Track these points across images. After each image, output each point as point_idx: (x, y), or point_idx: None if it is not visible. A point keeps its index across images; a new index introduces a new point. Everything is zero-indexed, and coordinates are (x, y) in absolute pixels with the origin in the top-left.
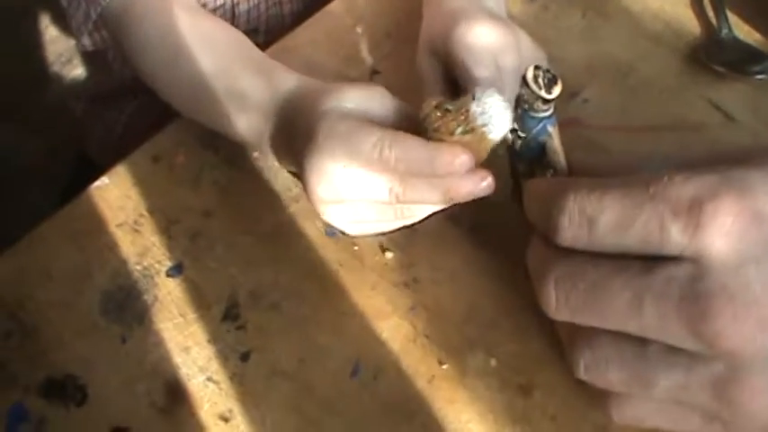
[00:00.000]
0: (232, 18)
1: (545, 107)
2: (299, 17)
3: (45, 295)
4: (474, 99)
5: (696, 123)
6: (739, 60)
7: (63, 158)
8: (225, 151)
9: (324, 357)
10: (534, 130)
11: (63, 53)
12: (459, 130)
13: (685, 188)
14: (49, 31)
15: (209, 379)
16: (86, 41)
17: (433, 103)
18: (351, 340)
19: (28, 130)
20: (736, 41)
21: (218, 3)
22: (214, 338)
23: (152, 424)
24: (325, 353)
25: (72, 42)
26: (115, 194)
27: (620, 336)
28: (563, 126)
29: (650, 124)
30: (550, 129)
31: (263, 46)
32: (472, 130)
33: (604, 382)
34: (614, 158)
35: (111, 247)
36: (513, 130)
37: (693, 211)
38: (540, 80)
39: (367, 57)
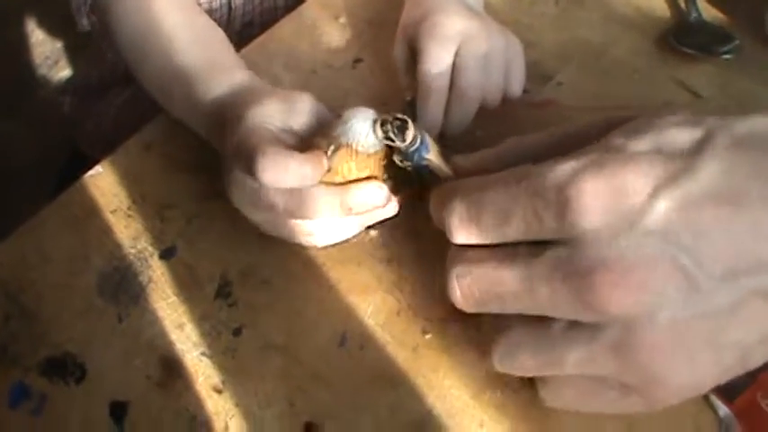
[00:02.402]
0: (228, 12)
1: (409, 145)
2: (293, 10)
3: (44, 279)
4: (339, 119)
5: (665, 102)
6: (707, 42)
7: (55, 153)
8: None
9: (312, 330)
10: (414, 161)
11: (50, 55)
12: (330, 150)
13: (551, 176)
14: (36, 34)
15: (202, 353)
16: (84, 22)
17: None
18: (338, 314)
19: (18, 127)
20: (705, 24)
21: None
22: (207, 315)
23: (149, 397)
24: (314, 326)
25: (58, 44)
26: (109, 182)
27: (527, 321)
28: (540, 106)
29: (621, 104)
30: (426, 155)
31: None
32: (339, 148)
33: (520, 369)
34: (482, 153)
35: (107, 231)
36: (401, 161)
37: (560, 197)
38: (391, 132)
39: (349, 45)
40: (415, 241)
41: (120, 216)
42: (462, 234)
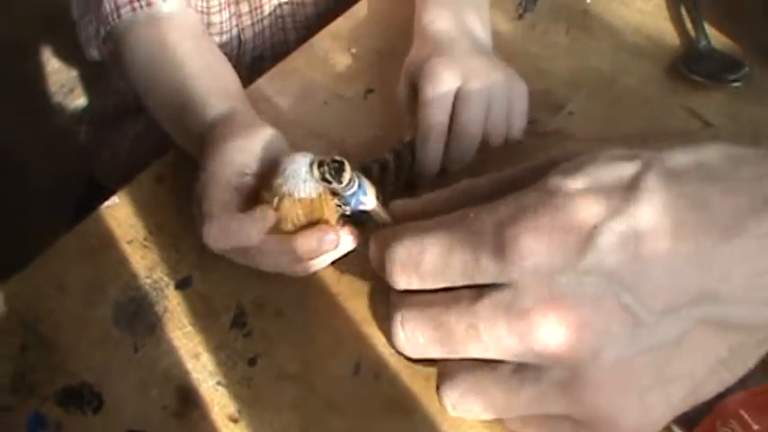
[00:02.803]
0: (238, 45)
1: (347, 187)
2: (304, 42)
3: (61, 309)
4: (278, 169)
5: (677, 131)
6: (717, 70)
7: (72, 181)
8: None
9: (326, 360)
10: (351, 205)
11: (65, 83)
12: (275, 201)
13: (488, 220)
14: (51, 63)
15: (218, 383)
16: (94, 52)
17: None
18: (352, 343)
19: (35, 155)
20: (714, 52)
21: (224, 29)
22: (222, 345)
23: (165, 427)
24: (328, 356)
25: (73, 73)
26: (125, 213)
27: (474, 366)
28: (548, 135)
29: (633, 133)
30: (363, 198)
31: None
32: (282, 198)
33: (473, 413)
34: (430, 198)
35: (123, 262)
36: (338, 206)
37: (498, 240)
38: (327, 173)
39: (360, 76)
40: None
41: (136, 247)
42: (403, 280)
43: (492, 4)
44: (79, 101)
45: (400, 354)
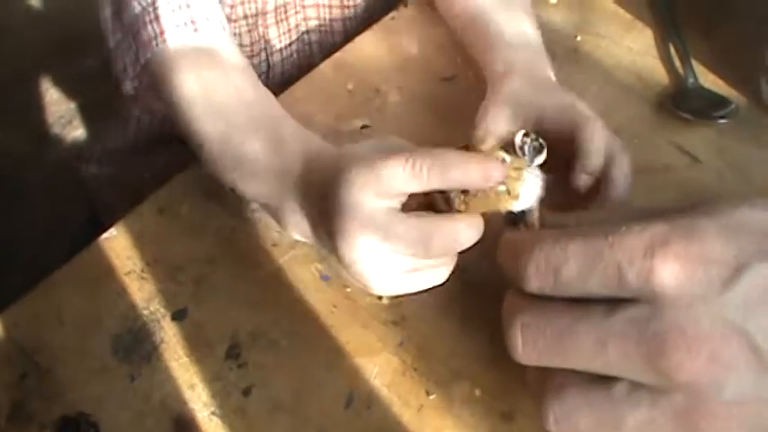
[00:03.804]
0: (267, 70)
1: (534, 169)
2: None
3: (58, 339)
4: (528, 166)
5: (665, 166)
6: (705, 107)
7: (68, 215)
8: (227, 202)
9: (320, 391)
10: (523, 194)
11: (63, 115)
12: (503, 188)
13: (640, 237)
14: (50, 94)
15: (213, 413)
16: (129, 86)
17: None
18: (344, 374)
19: (31, 186)
20: (702, 90)
21: (254, 52)
22: (217, 376)
23: None
24: (321, 386)
25: (72, 105)
26: (123, 244)
27: (585, 382)
28: None
29: None
30: (536, 192)
31: None
32: (514, 195)
33: (576, 431)
34: (586, 216)
35: (120, 293)
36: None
37: (646, 258)
38: (527, 147)
39: (358, 111)
40: (419, 304)
41: (133, 278)
42: (537, 283)
43: None
44: (77, 132)
45: (512, 357)
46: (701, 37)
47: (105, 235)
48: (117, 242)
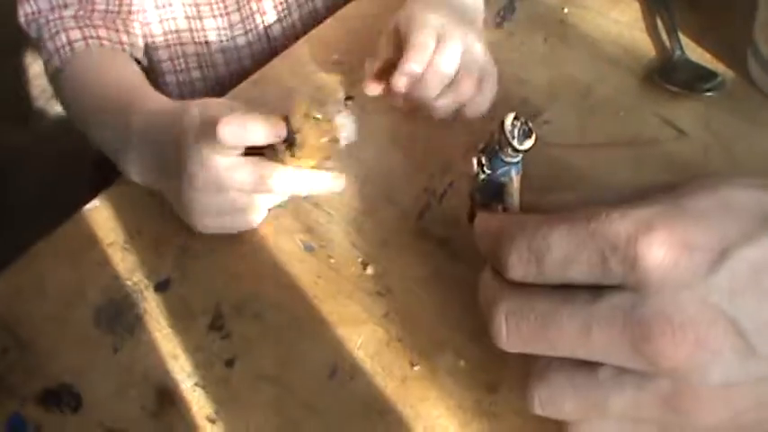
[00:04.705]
0: (267, 40)
1: (514, 154)
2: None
3: (40, 311)
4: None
5: (650, 139)
6: (691, 79)
7: (54, 191)
8: None
9: (303, 361)
10: (498, 171)
11: (46, 89)
12: (325, 139)
13: (623, 223)
14: (33, 68)
15: (196, 384)
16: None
17: (304, 108)
18: (328, 345)
19: (15, 162)
20: (689, 62)
21: (248, 27)
22: (201, 347)
23: (144, 426)
24: (305, 357)
25: None
26: (106, 216)
27: (570, 366)
28: None
29: (607, 141)
30: (514, 174)
31: None
32: (335, 140)
33: (561, 413)
34: (566, 197)
35: (103, 264)
36: (480, 163)
37: (630, 245)
38: (516, 130)
39: (341, 83)
40: (404, 275)
41: (116, 249)
42: (520, 272)
43: None
44: (60, 107)
45: (495, 344)
46: (688, 10)
47: (88, 206)
48: (100, 213)
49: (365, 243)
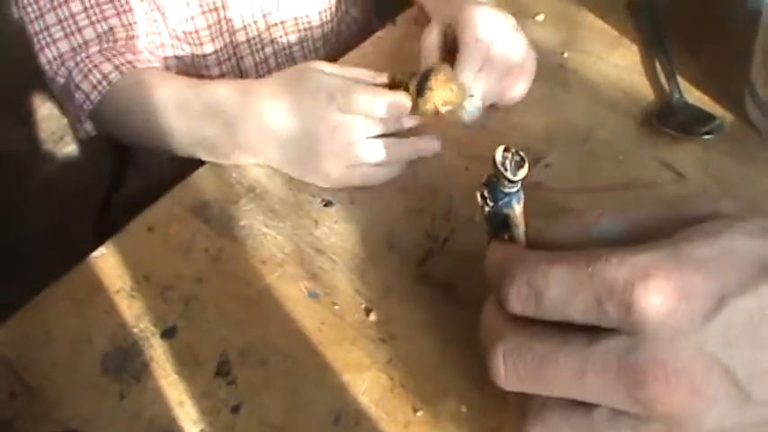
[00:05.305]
0: (240, 76)
1: (510, 185)
2: None
3: (48, 357)
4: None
5: (649, 182)
6: (689, 122)
7: (61, 231)
8: (215, 221)
9: (308, 408)
10: (500, 203)
11: (55, 131)
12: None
13: (620, 269)
14: (42, 110)
15: (202, 431)
16: (88, 127)
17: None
18: (333, 391)
19: (22, 204)
20: (687, 105)
21: (221, 59)
22: (207, 393)
23: None
24: (310, 403)
25: (64, 120)
26: (112, 263)
27: (566, 406)
28: (527, 190)
29: (607, 185)
30: (515, 204)
31: None
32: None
33: None
34: (566, 224)
35: (110, 311)
36: (483, 197)
37: (626, 291)
38: (508, 162)
39: None
40: (407, 321)
41: (123, 296)
42: (519, 305)
43: None
44: (69, 148)
45: (494, 382)
46: (686, 54)
47: (95, 253)
48: (106, 260)
49: (368, 289)
